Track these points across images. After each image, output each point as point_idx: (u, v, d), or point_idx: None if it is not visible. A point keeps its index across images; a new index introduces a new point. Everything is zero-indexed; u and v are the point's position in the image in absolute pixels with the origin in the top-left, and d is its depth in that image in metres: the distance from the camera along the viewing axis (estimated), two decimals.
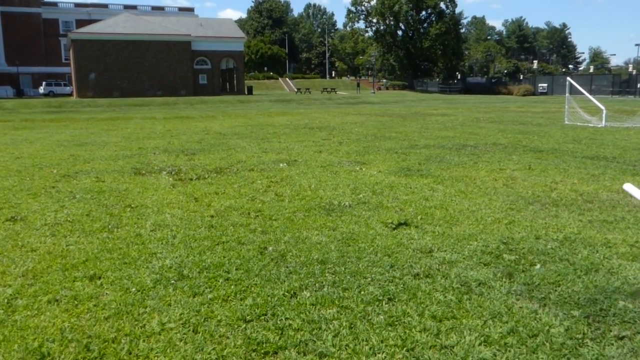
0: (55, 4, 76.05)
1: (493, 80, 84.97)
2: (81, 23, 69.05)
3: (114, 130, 16.90)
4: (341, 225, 4.96)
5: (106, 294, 3.46)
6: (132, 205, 5.92)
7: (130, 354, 2.71)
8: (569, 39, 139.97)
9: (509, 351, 2.69)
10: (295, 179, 7.46)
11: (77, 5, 78.25)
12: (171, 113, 27.63)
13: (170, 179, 7.64)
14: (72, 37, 54.70)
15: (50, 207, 5.87)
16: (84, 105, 38.60)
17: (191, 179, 7.57)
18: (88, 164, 9.19)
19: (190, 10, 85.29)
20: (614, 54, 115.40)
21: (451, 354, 2.67)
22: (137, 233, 4.82)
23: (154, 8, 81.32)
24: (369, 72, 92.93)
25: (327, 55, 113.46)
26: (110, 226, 5.06)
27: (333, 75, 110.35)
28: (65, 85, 63.79)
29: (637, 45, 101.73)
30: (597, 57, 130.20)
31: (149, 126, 18.35)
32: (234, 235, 4.69)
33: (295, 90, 68.93)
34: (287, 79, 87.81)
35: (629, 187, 2.02)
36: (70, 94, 59.93)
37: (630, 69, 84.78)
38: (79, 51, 53.57)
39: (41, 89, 61.62)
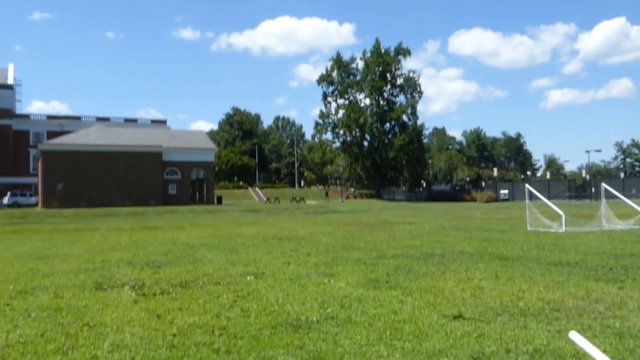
0: (27, 116, 77.21)
1: (457, 188, 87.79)
2: (53, 134, 69.85)
3: (77, 241, 16.51)
4: (308, 344, 4.81)
5: None
6: (91, 324, 5.66)
7: None
8: (525, 147, 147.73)
9: None
10: (263, 292, 7.31)
11: (49, 117, 79.64)
12: (138, 223, 27.31)
13: (133, 294, 7.40)
14: (42, 148, 55.05)
15: (3, 327, 5.56)
16: (48, 215, 37.91)
17: (155, 294, 7.34)
18: (47, 279, 8.86)
19: (163, 122, 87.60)
20: (567, 161, 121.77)
21: None
22: (93, 355, 4.57)
23: (127, 120, 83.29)
24: (337, 181, 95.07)
25: (296, 165, 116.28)
26: (65, 348, 4.79)
27: (302, 184, 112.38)
28: (30, 195, 63.01)
29: (587, 151, 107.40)
30: (552, 163, 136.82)
31: (114, 237, 18.02)
32: (196, 356, 4.48)
33: (265, 199, 69.58)
34: (257, 188, 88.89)
35: (574, 335, 2.02)
36: (36, 205, 59.00)
37: (584, 174, 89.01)
38: (48, 162, 53.65)
39: (5, 200, 60.54)
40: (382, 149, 79.08)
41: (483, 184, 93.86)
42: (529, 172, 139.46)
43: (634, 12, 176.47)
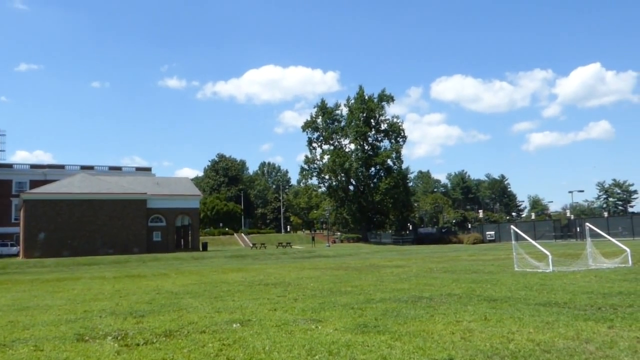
0: (10, 166, 76.62)
1: (443, 230, 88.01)
2: (36, 183, 69.25)
3: (59, 291, 16.12)
4: None
5: None
6: None
7: None
8: (509, 189, 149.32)
9: None
10: (249, 340, 7.15)
11: (32, 166, 79.08)
12: (122, 272, 26.80)
13: (116, 344, 7.19)
14: (24, 197, 54.42)
15: None
16: (29, 265, 37.09)
17: (138, 344, 7.14)
18: (27, 331, 8.59)
19: (148, 169, 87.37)
20: (552, 201, 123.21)
21: None
22: None
23: (112, 168, 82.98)
24: (324, 225, 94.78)
25: (282, 210, 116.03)
26: None
27: (288, 229, 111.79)
28: (12, 245, 61.82)
29: (570, 192, 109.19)
30: (536, 204, 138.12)
31: (97, 286, 17.63)
32: None
33: (251, 245, 68.97)
34: (243, 234, 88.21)
35: None
36: (17, 255, 57.82)
37: (568, 214, 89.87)
38: (30, 211, 52.93)
39: None
40: (368, 193, 79.47)
41: (469, 225, 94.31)
42: (514, 213, 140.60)
43: (608, 58, 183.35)
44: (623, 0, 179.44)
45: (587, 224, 21.98)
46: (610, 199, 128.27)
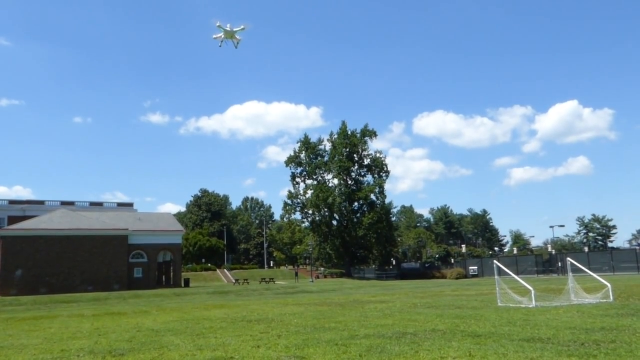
0: None
1: (426, 265, 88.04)
2: (14, 219, 67.98)
3: (35, 330, 15.69)
4: None
5: None
6: None
7: None
8: (491, 223, 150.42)
9: None
10: None
11: (11, 202, 77.95)
12: (101, 309, 26.22)
13: None
14: (1, 233, 53.46)
15: None
16: (5, 304, 36.10)
17: None
18: None
19: (130, 205, 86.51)
20: (533, 236, 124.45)
21: None
22: None
23: (92, 204, 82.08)
24: (307, 260, 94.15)
25: (265, 245, 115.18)
26: None
27: (271, 264, 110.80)
28: None
29: (551, 227, 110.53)
30: (518, 239, 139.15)
31: (75, 324, 17.20)
32: None
33: (234, 281, 68.11)
34: (225, 270, 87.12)
35: None
36: None
37: (549, 249, 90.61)
38: (7, 247, 51.86)
39: None
40: (351, 228, 79.42)
41: (452, 260, 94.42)
42: (496, 248, 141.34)
43: (584, 96, 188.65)
44: (599, 40, 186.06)
45: (569, 258, 22.19)
46: (590, 234, 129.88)
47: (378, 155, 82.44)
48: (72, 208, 70.75)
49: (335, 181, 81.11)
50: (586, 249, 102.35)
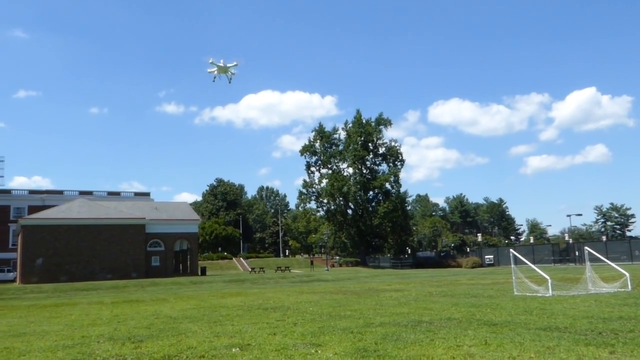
0: (8, 192, 76.63)
1: (442, 254, 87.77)
2: (34, 209, 69.14)
3: (56, 317, 16.00)
4: None
5: None
6: None
7: None
8: (507, 212, 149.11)
9: None
10: None
11: (31, 192, 79.11)
12: (120, 297, 26.62)
13: None
14: (22, 222, 54.30)
15: None
16: (26, 291, 36.82)
17: None
18: (23, 357, 8.53)
19: (146, 194, 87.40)
20: (550, 225, 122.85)
21: None
22: None
23: (110, 193, 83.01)
24: (322, 249, 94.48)
25: (281, 234, 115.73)
26: None
27: (287, 253, 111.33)
28: (8, 271, 61.52)
29: (568, 216, 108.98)
30: (535, 228, 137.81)
31: (95, 312, 17.51)
32: None
33: (249, 269, 68.62)
34: (241, 258, 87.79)
35: None
36: (14, 280, 57.43)
37: (567, 238, 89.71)
38: (28, 236, 52.78)
39: None
40: (367, 217, 79.41)
41: (468, 249, 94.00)
42: (512, 237, 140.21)
43: (603, 83, 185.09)
44: (617, 26, 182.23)
45: (587, 248, 21.97)
46: (608, 223, 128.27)
47: (393, 144, 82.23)
48: (91, 198, 71.71)
49: (350, 170, 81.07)
50: (604, 238, 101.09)
